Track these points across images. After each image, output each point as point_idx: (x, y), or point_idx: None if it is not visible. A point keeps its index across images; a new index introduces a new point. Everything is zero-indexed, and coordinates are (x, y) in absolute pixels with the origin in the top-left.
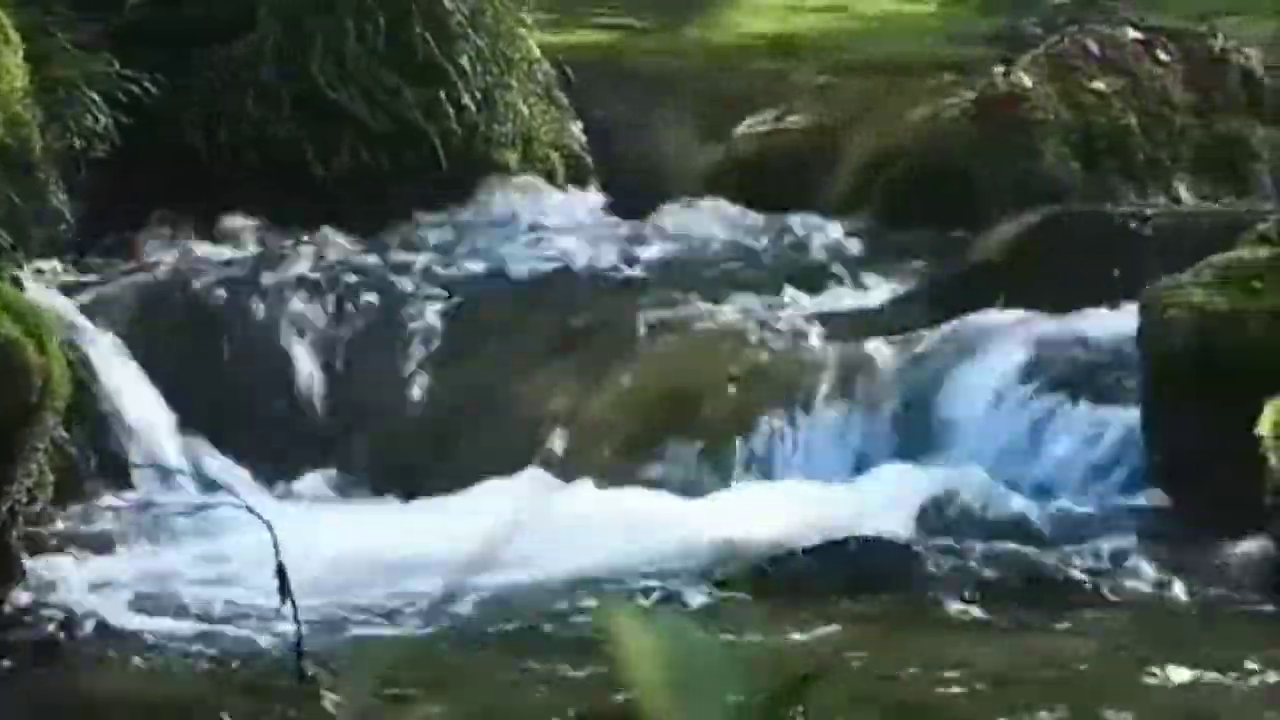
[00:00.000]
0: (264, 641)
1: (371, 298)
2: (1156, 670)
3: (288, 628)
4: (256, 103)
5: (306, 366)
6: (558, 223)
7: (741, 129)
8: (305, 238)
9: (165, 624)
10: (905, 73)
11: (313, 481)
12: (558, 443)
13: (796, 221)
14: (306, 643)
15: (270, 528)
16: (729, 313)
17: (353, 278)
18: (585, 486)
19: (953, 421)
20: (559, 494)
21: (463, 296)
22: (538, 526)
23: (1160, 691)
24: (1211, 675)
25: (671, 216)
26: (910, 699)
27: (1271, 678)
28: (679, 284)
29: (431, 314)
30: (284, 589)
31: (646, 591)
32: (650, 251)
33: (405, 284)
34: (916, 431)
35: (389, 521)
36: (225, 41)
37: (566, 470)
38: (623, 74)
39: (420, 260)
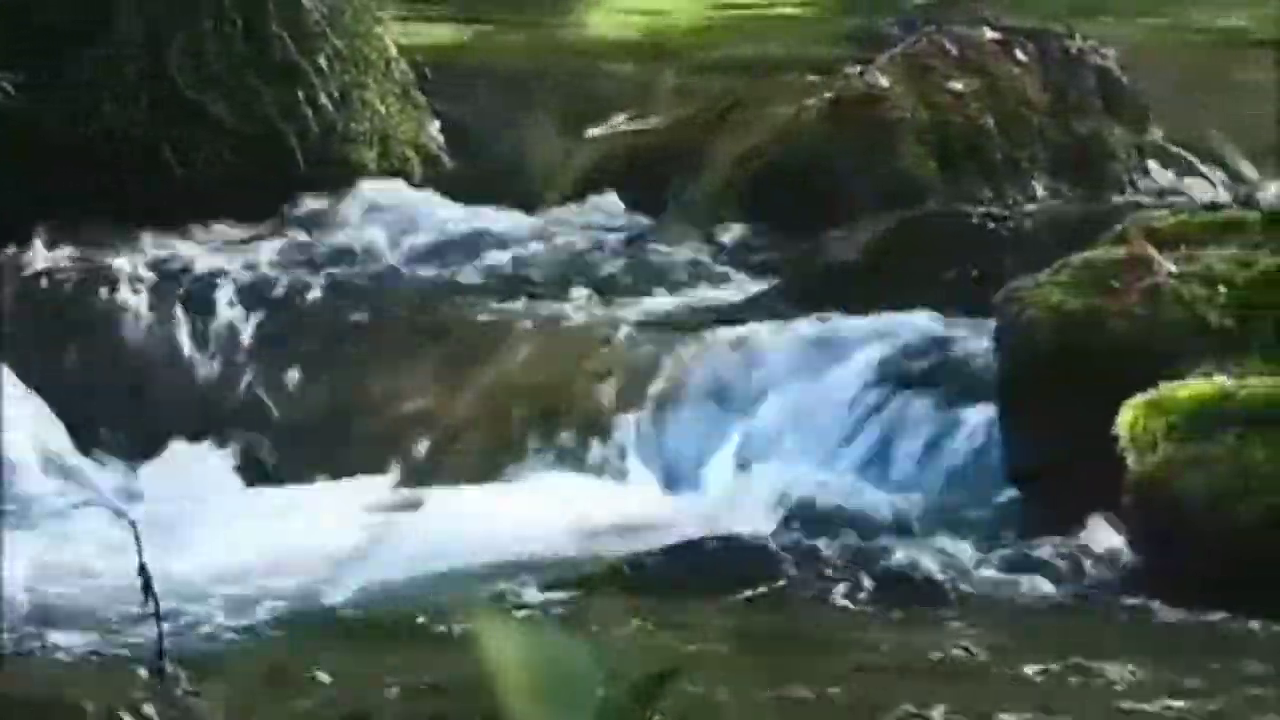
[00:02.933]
0: (127, 640)
1: (229, 297)
2: (1011, 667)
3: (151, 627)
4: (116, 103)
5: (164, 366)
6: (415, 222)
7: (603, 128)
8: (164, 238)
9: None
10: (767, 72)
11: (176, 481)
12: (419, 442)
13: (658, 221)
14: (169, 641)
15: (134, 526)
16: (589, 312)
17: (210, 277)
18: (446, 486)
19: (811, 421)
20: (420, 493)
21: (320, 296)
22: (399, 525)
23: (1015, 688)
24: (1066, 672)
25: (531, 215)
26: (768, 697)
27: (1125, 674)
28: (539, 283)
29: (290, 313)
30: (146, 587)
31: (507, 591)
32: (510, 251)
33: (264, 283)
34: (775, 431)
35: (251, 520)
36: (87, 42)
37: (427, 470)
38: (482, 73)
39: (279, 259)
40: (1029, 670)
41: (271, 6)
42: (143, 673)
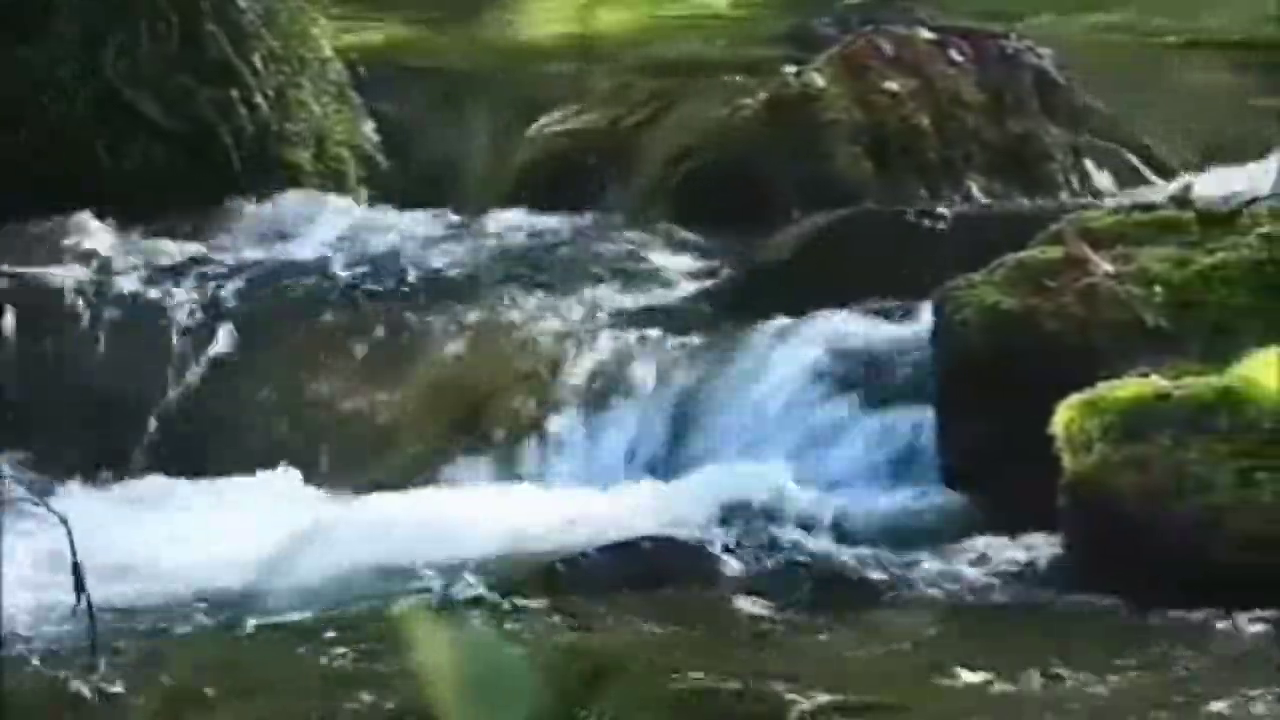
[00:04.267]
0: (60, 640)
1: (161, 297)
2: (947, 668)
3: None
4: (53, 102)
5: (94, 367)
6: (349, 222)
7: (536, 128)
8: (97, 237)
9: None
10: (701, 73)
11: (105, 482)
12: (350, 444)
13: (590, 221)
14: (103, 641)
15: (66, 525)
16: (521, 313)
17: (144, 277)
18: (377, 487)
19: (745, 421)
20: (351, 495)
21: (254, 297)
22: (330, 527)
23: (950, 689)
24: (1001, 672)
25: (464, 216)
26: (703, 698)
27: (1060, 675)
28: (471, 284)
29: (222, 314)
30: (79, 587)
31: (439, 593)
32: (443, 251)
33: (197, 284)
34: (709, 432)
35: (182, 521)
36: (23, 42)
37: (358, 473)
38: (417, 73)
39: (212, 260)
40: (965, 669)
41: (207, 7)
42: (78, 673)
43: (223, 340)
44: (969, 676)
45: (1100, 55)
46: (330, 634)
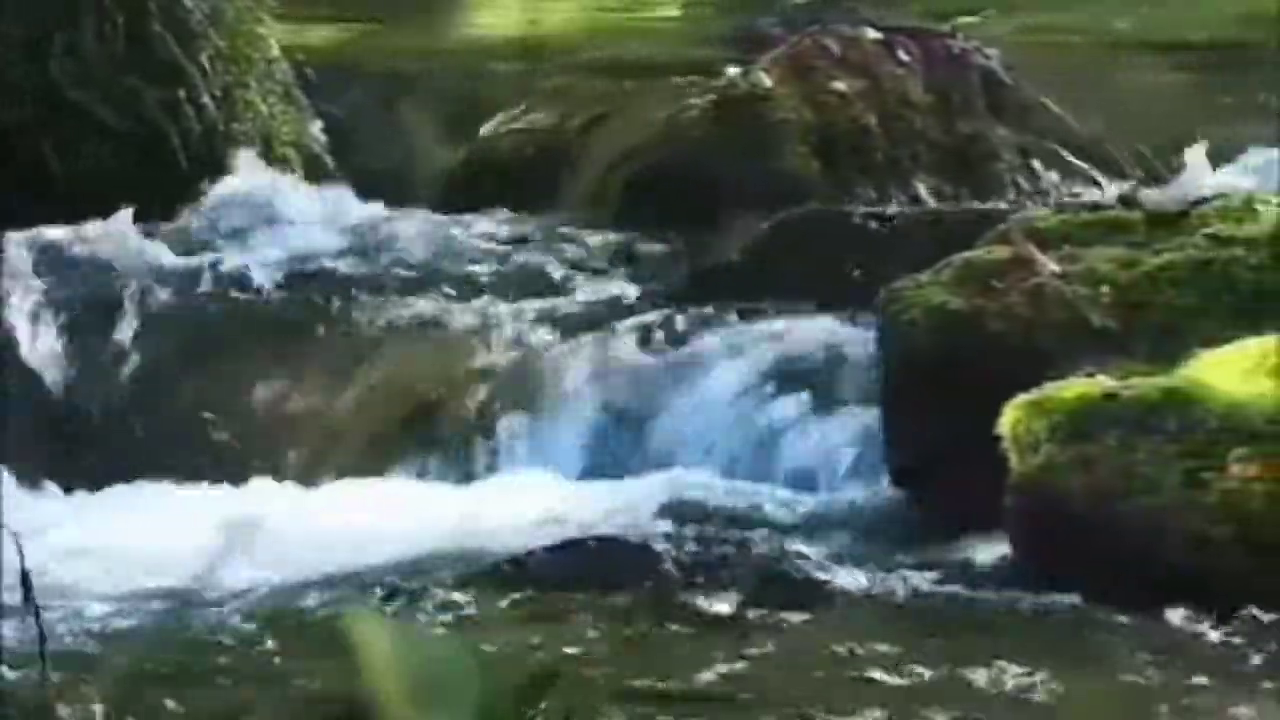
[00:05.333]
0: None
1: (108, 298)
2: (893, 666)
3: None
4: None
5: (36, 368)
6: (297, 223)
7: (484, 129)
8: (41, 238)
9: None
10: (649, 73)
11: (49, 485)
12: (298, 444)
13: (538, 222)
14: (51, 645)
15: (15, 535)
16: (469, 314)
17: (90, 278)
18: (326, 487)
19: (693, 421)
20: (300, 495)
21: (199, 297)
22: (279, 526)
23: (895, 687)
24: (947, 671)
25: (412, 217)
26: (650, 697)
27: (1004, 673)
28: (420, 285)
29: (167, 314)
30: (27, 595)
31: (388, 592)
32: (391, 253)
33: (143, 284)
34: (657, 432)
35: (132, 522)
36: None
37: (307, 471)
38: (364, 73)
39: (157, 260)
40: (912, 668)
41: (153, 7)
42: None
43: (168, 342)
44: (914, 673)
45: (1047, 56)
46: (276, 634)
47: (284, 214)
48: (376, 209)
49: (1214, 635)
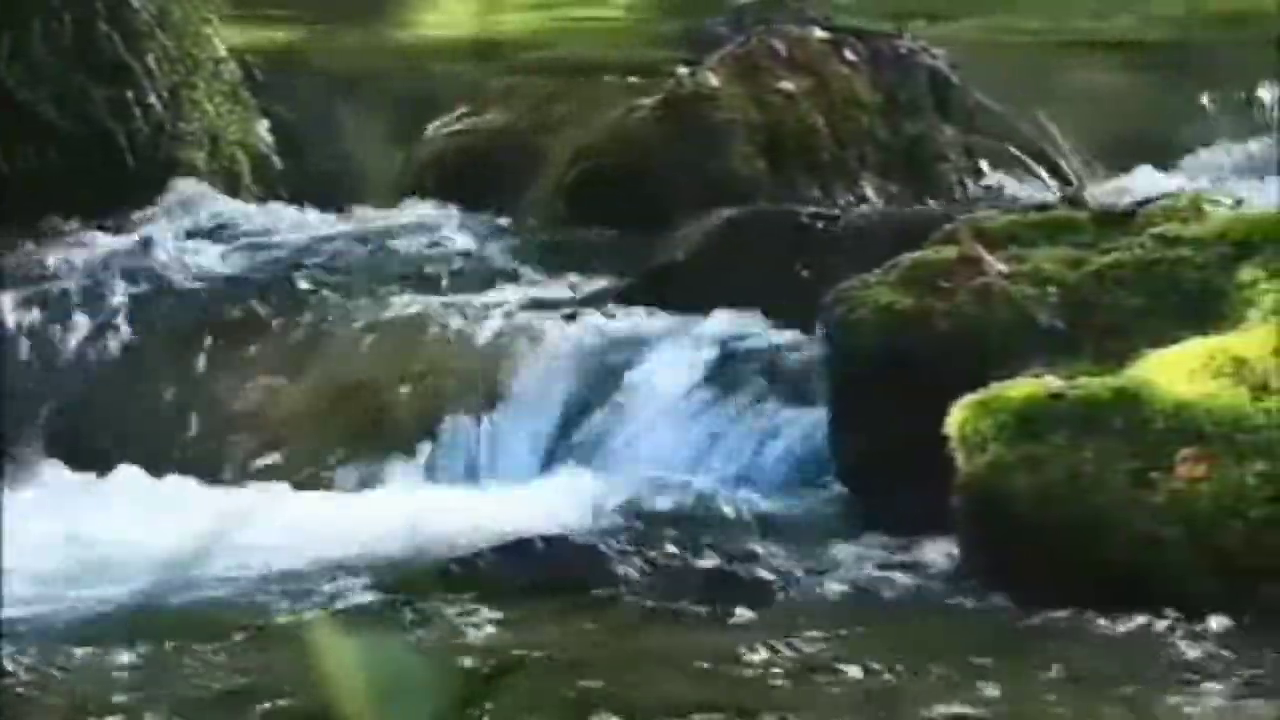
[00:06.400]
0: None
1: (54, 298)
2: (837, 666)
3: None
4: None
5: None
6: (245, 222)
7: (432, 129)
8: None
9: None
10: (597, 74)
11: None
12: (245, 444)
13: (486, 221)
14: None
15: None
16: (416, 313)
17: (35, 278)
18: (273, 487)
19: (639, 421)
20: (247, 496)
21: (147, 296)
22: (227, 528)
23: (840, 688)
24: (892, 671)
25: (361, 216)
26: (596, 697)
27: (950, 673)
28: (368, 284)
29: (115, 314)
30: None
31: (333, 593)
32: (338, 251)
33: (90, 284)
34: (603, 431)
35: (78, 523)
36: None
37: (254, 471)
38: (313, 73)
39: (105, 260)
40: (858, 669)
41: (100, 7)
42: None
43: (119, 341)
44: (861, 676)
45: (994, 56)
46: (225, 635)
47: (231, 215)
48: (323, 209)
49: (1161, 636)
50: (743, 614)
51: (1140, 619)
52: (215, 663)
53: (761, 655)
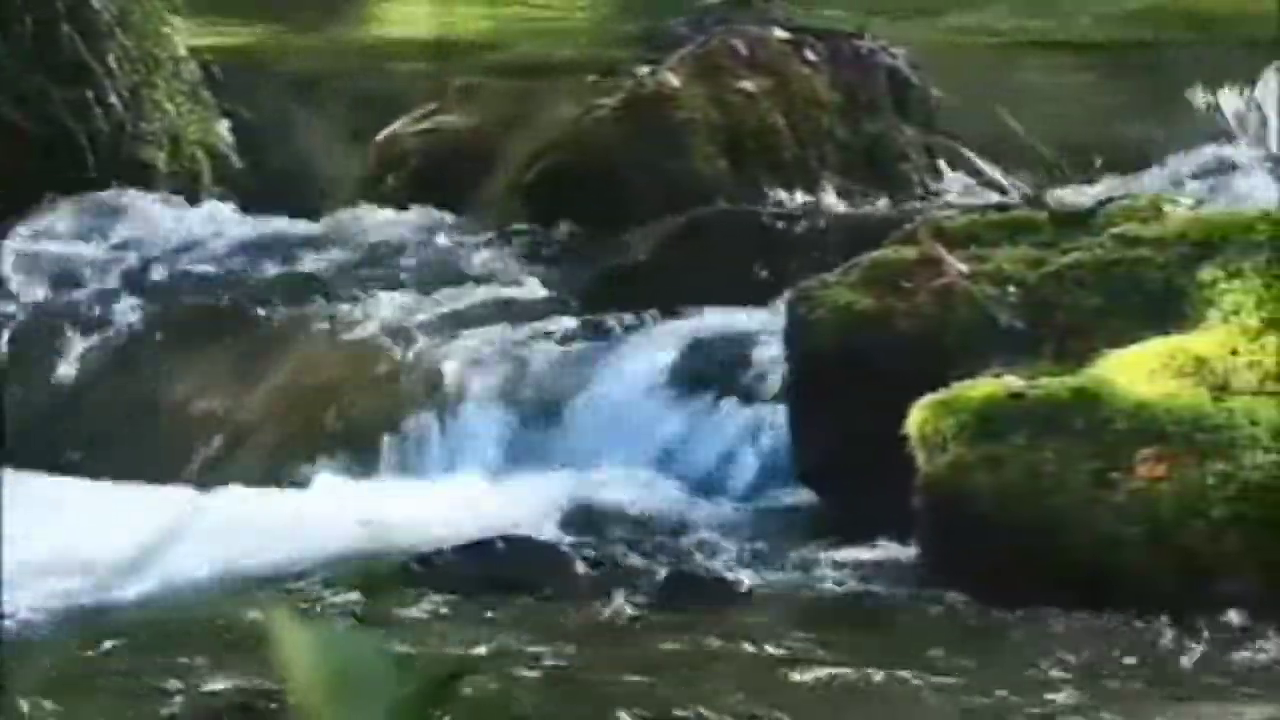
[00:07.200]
0: None
1: (14, 299)
2: (800, 665)
3: None
4: None
5: None
6: (204, 223)
7: (392, 129)
8: None
9: None
10: (557, 73)
11: None
12: (208, 445)
13: (447, 221)
14: None
15: None
16: (379, 313)
17: None
18: (235, 487)
19: (603, 421)
20: (209, 495)
21: (108, 298)
22: (189, 525)
23: (803, 687)
24: (855, 670)
25: (320, 217)
26: (557, 697)
27: (911, 673)
28: (328, 285)
29: (77, 316)
30: None
31: (296, 592)
32: (299, 252)
33: (52, 285)
34: (566, 431)
35: (39, 524)
36: None
37: (216, 472)
38: (271, 73)
39: (66, 261)
40: (818, 668)
41: (61, 7)
42: None
43: (78, 342)
44: (822, 672)
45: (954, 56)
46: (185, 633)
47: (190, 216)
48: (283, 209)
49: (1123, 634)
50: (703, 613)
51: (1099, 618)
52: (169, 661)
53: (723, 655)
